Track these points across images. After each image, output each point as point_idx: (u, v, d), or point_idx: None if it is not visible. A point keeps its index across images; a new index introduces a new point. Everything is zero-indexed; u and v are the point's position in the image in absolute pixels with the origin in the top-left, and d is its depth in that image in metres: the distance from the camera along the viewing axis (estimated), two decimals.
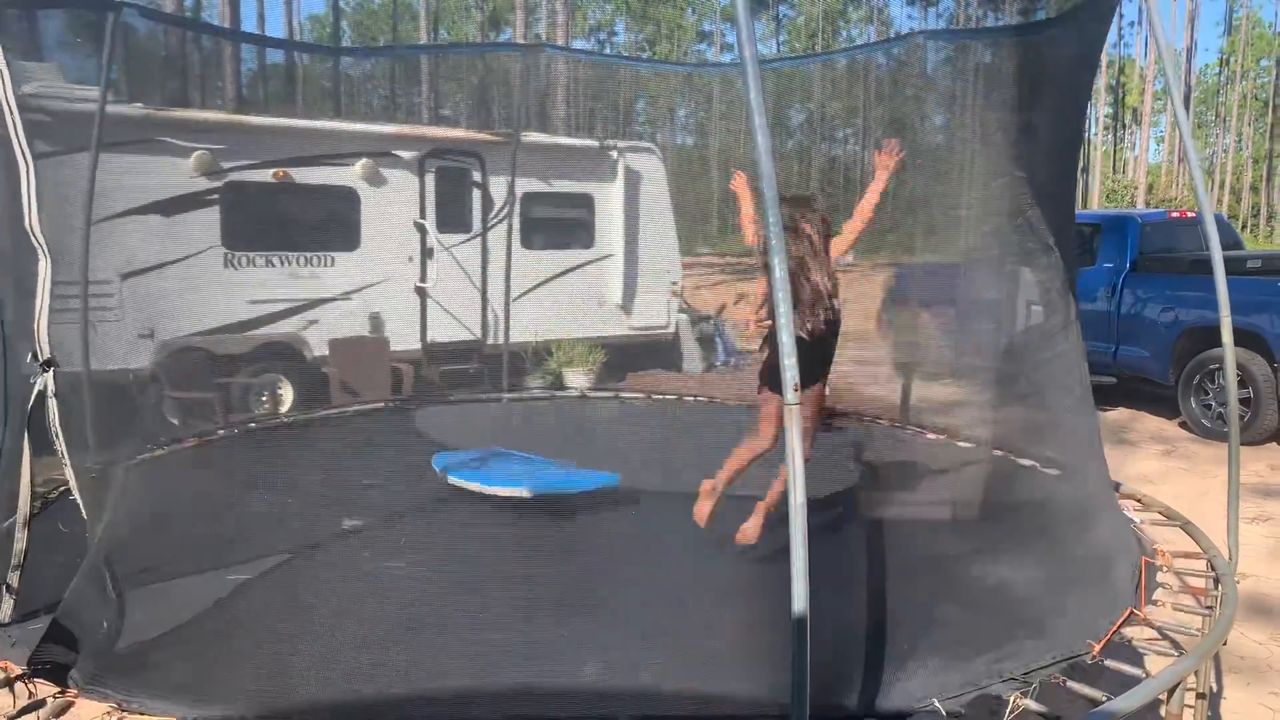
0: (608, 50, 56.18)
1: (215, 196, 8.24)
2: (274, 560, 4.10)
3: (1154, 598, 3.73)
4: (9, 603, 3.28)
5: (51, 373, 3.09)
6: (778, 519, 4.01)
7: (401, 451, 5.75)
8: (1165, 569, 4.04)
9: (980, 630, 3.41)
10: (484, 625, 3.52)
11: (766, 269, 2.27)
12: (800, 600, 2.19)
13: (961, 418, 7.01)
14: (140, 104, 7.94)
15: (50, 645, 2.99)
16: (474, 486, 4.44)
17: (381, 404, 7.61)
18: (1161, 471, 7.63)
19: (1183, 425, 9.10)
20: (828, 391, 4.32)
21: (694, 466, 5.95)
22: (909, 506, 4.72)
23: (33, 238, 3.04)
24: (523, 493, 4.24)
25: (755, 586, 3.68)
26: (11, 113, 3.00)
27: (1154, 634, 3.47)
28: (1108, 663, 3.16)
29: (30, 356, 3.12)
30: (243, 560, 3.99)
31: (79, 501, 3.30)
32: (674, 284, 11.23)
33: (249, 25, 33.51)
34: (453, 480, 4.55)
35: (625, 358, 10.62)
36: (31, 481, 3.25)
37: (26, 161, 3.03)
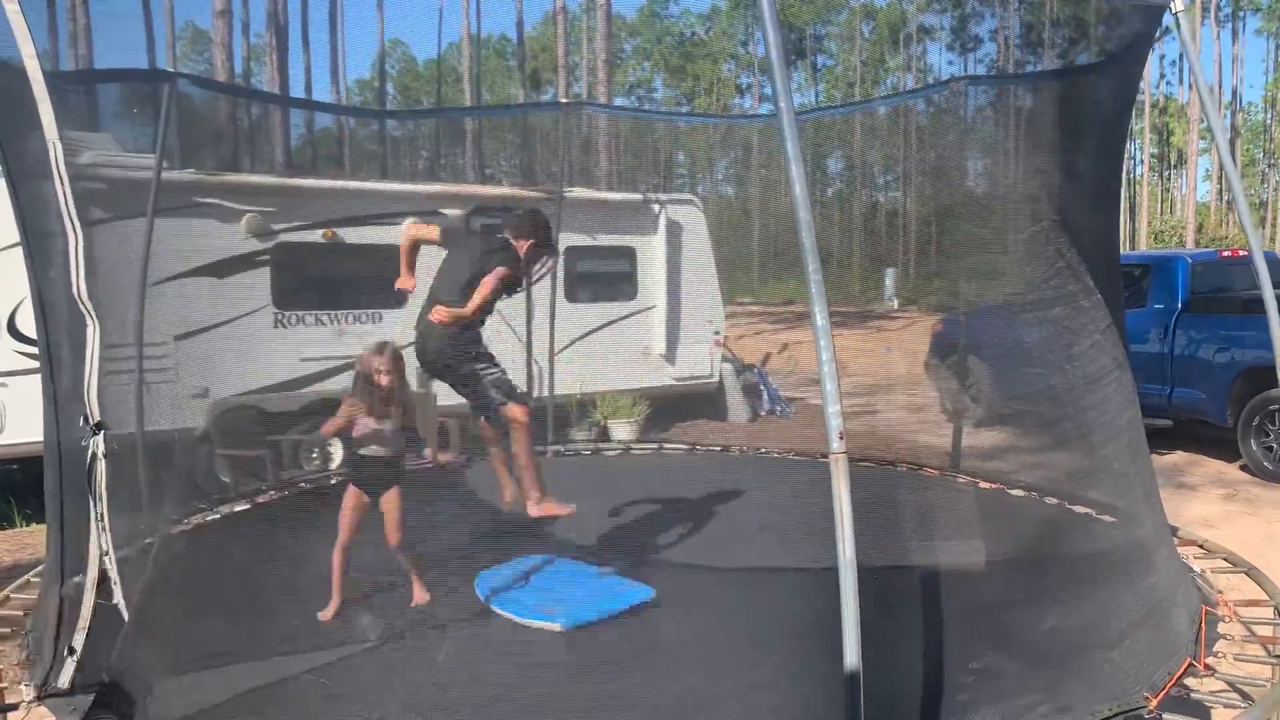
0: (647, 106, 56.98)
1: (266, 257, 8.41)
2: (324, 629, 4.12)
3: (1218, 647, 3.62)
4: (71, 666, 3.30)
5: (101, 435, 3.14)
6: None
7: (450, 509, 5.77)
8: (1229, 618, 3.93)
9: (1035, 680, 3.33)
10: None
11: None
12: (852, 654, 2.16)
13: (1011, 463, 6.91)
14: (193, 170, 8.16)
15: (100, 710, 3.02)
16: (512, 617, 4.37)
17: (428, 460, 7.66)
18: (1223, 515, 7.42)
19: (1244, 468, 8.87)
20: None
21: (742, 518, 5.94)
22: (959, 554, 4.64)
23: (80, 304, 3.10)
24: (555, 627, 4.19)
25: (806, 638, 3.62)
26: (63, 183, 3.08)
27: (1221, 684, 3.36)
28: (1171, 716, 3.07)
29: (82, 420, 3.17)
30: (291, 628, 4.00)
31: (110, 566, 3.32)
32: (717, 334, 11.22)
33: (297, 91, 34.45)
34: (494, 609, 4.49)
35: (670, 409, 10.61)
36: (99, 545, 3.28)
37: (75, 230, 3.09)
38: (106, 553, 3.28)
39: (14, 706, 3.31)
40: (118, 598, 3.32)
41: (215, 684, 3.46)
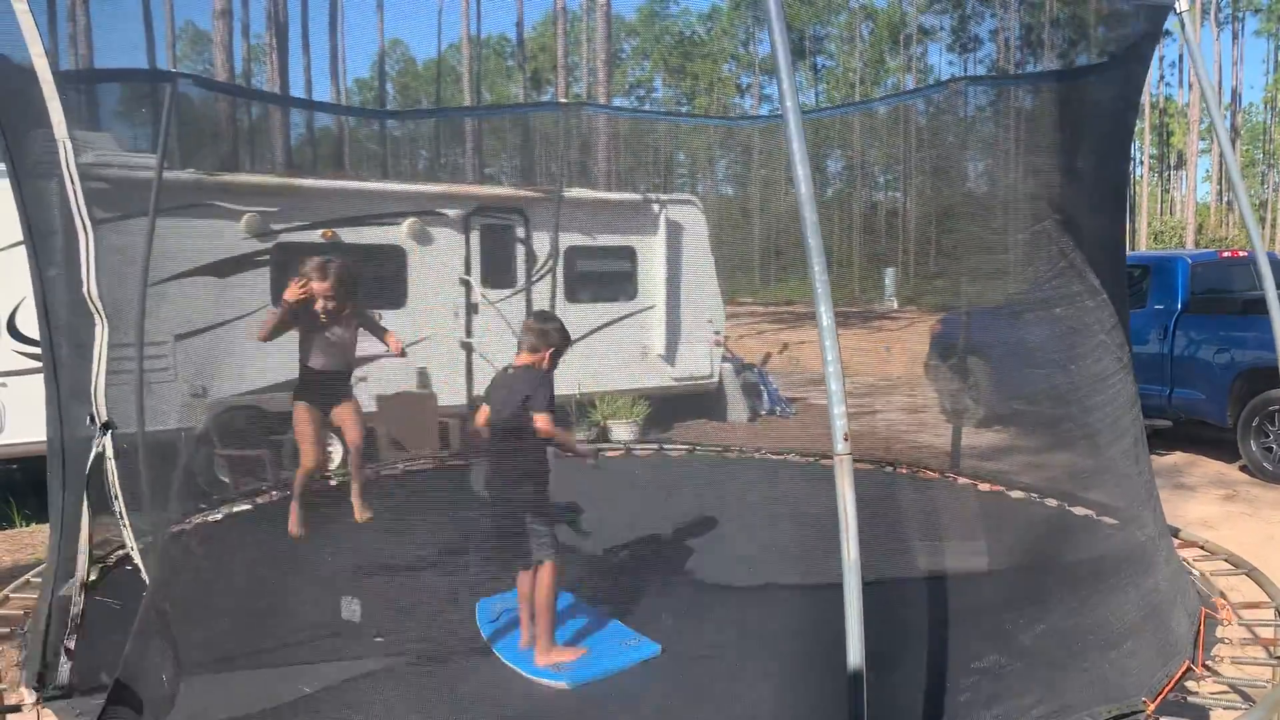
0: (648, 106, 56.98)
1: (266, 257, 8.40)
2: (327, 633, 4.09)
3: (1217, 650, 3.62)
4: (66, 666, 3.30)
5: (109, 435, 3.13)
6: None
7: (451, 510, 5.74)
8: (1227, 622, 3.93)
9: (1034, 681, 3.33)
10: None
11: None
12: (856, 654, 2.15)
13: (1011, 464, 6.90)
14: (193, 170, 8.15)
15: (116, 708, 3.01)
16: (514, 668, 4.10)
17: (429, 459, 7.67)
18: (1223, 516, 7.42)
19: (1243, 469, 8.87)
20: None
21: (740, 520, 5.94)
22: (959, 555, 4.64)
23: (90, 303, 3.09)
24: (562, 685, 4.03)
25: (808, 639, 3.62)
26: (73, 182, 3.08)
27: (1221, 686, 3.36)
28: (1168, 718, 3.07)
29: (88, 419, 3.16)
30: (293, 630, 3.99)
31: (138, 562, 3.32)
32: (717, 333, 11.22)
33: (297, 91, 34.42)
34: (498, 655, 4.30)
35: (670, 409, 10.61)
36: (90, 545, 3.27)
37: (86, 229, 3.09)
38: (131, 548, 3.28)
39: (17, 708, 3.31)
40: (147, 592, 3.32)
41: (219, 686, 3.45)
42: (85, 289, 3.08)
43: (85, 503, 3.25)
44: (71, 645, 3.31)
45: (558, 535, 4.19)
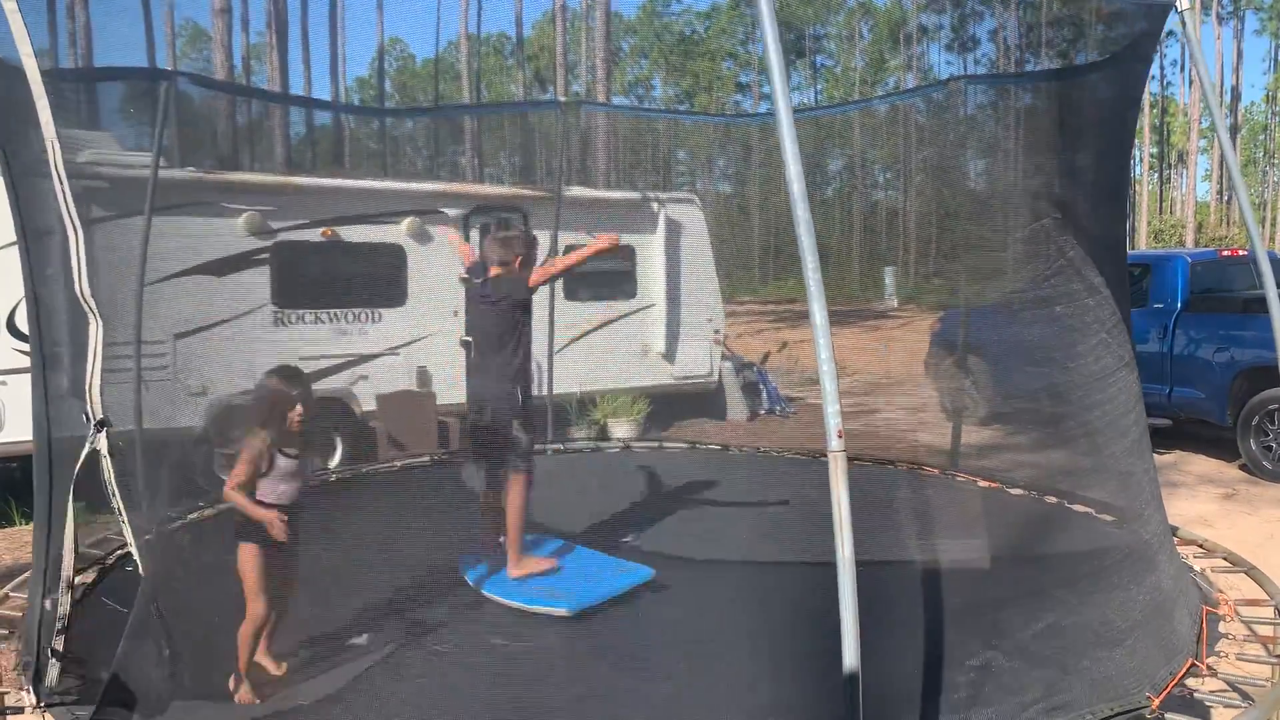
0: (647, 104, 56.95)
1: (265, 256, 8.40)
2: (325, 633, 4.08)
3: (1220, 647, 3.62)
4: (55, 669, 3.28)
5: (104, 433, 3.13)
6: None
7: (449, 509, 5.74)
8: (1229, 618, 3.92)
9: (1035, 679, 3.33)
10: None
11: None
12: (851, 654, 2.15)
13: (1011, 462, 6.90)
14: (192, 168, 8.14)
15: (110, 707, 3.01)
16: (512, 604, 4.24)
17: (428, 457, 7.67)
18: (1222, 515, 7.42)
19: (1243, 468, 8.87)
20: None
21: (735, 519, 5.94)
22: (959, 552, 4.63)
23: (83, 302, 3.09)
24: (562, 612, 4.11)
25: (804, 636, 3.62)
26: (61, 181, 3.07)
27: (1220, 684, 3.36)
28: (1172, 715, 3.06)
29: (84, 417, 3.16)
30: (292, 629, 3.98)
31: (137, 559, 3.30)
32: (716, 332, 11.22)
33: (297, 90, 34.36)
34: (488, 594, 4.33)
35: (670, 407, 10.60)
36: (76, 544, 3.26)
37: (75, 228, 3.08)
38: (131, 545, 3.26)
39: (19, 710, 3.30)
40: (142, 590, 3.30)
41: (213, 681, 3.45)
42: (77, 288, 3.07)
43: (71, 503, 3.23)
44: (60, 647, 3.29)
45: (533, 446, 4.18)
